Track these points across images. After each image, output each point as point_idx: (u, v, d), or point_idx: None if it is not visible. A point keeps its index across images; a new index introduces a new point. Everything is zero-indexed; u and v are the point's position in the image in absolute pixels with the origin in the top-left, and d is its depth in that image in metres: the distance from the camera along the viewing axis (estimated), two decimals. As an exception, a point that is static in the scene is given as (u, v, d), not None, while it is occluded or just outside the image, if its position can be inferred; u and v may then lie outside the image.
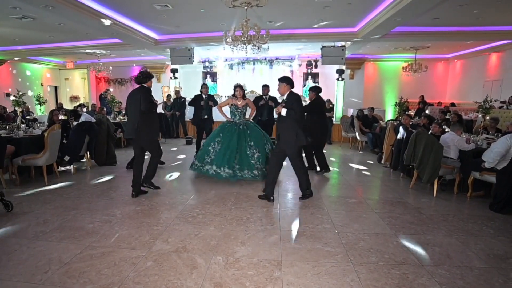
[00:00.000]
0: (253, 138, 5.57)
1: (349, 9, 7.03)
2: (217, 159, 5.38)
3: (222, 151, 5.41)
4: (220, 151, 5.43)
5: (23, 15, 7.15)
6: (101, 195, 4.73)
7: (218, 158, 5.38)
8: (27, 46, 10.83)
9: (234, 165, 5.32)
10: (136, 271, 2.66)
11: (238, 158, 5.38)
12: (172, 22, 8.13)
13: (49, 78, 15.30)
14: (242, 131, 5.60)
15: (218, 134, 5.64)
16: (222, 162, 5.32)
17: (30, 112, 10.94)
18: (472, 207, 4.37)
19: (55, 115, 6.20)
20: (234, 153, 5.39)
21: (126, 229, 3.51)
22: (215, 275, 2.61)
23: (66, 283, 2.49)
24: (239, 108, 5.68)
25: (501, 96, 10.29)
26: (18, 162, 5.11)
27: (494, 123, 6.52)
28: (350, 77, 13.05)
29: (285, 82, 4.39)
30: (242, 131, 5.61)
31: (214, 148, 5.51)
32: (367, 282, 2.54)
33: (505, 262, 2.89)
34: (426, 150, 4.78)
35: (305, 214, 4.05)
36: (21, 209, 4.08)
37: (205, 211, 4.07)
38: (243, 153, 5.41)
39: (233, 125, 5.67)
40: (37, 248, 3.04)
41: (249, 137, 5.57)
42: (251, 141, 5.54)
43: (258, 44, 6.94)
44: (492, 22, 8.09)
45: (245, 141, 5.52)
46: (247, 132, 5.62)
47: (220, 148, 5.47)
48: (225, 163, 5.30)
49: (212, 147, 5.53)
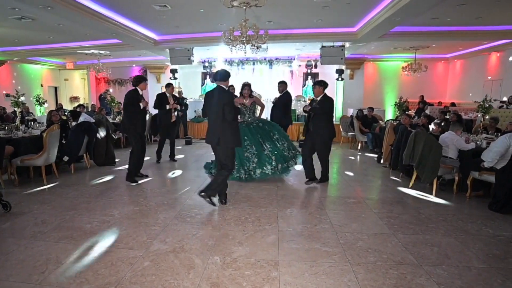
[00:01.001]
0: (275, 131, 5.73)
1: (348, 8, 7.03)
2: (262, 159, 5.44)
3: (260, 150, 5.48)
4: (258, 151, 5.47)
5: (22, 15, 7.16)
6: (99, 195, 4.72)
7: (262, 157, 5.45)
8: (27, 46, 10.85)
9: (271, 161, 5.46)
10: (133, 271, 2.66)
11: (273, 154, 5.51)
12: (171, 22, 8.13)
13: (49, 78, 15.31)
14: (261, 129, 5.69)
15: (244, 137, 5.43)
16: (266, 159, 5.44)
17: (30, 112, 10.95)
18: (471, 207, 4.36)
19: (53, 115, 6.20)
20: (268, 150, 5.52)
21: (124, 229, 3.50)
22: (212, 275, 2.60)
23: (63, 283, 2.49)
24: (247, 107, 5.69)
25: (501, 96, 10.29)
26: (17, 162, 5.11)
27: (494, 122, 6.51)
28: (350, 77, 13.04)
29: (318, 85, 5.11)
30: (261, 128, 5.69)
31: (251, 152, 5.49)
32: (365, 282, 2.53)
33: (504, 262, 2.88)
34: (425, 150, 4.77)
35: (304, 214, 4.05)
36: (20, 209, 4.08)
37: (203, 211, 4.06)
38: (276, 147, 5.55)
39: (248, 124, 5.69)
40: (35, 248, 3.04)
41: (270, 131, 5.70)
42: (274, 134, 5.68)
43: (257, 44, 6.94)
44: (492, 22, 8.07)
45: (269, 136, 5.64)
46: (265, 127, 5.74)
47: (256, 149, 5.49)
48: (266, 162, 5.43)
49: (249, 152, 5.48)
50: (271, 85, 13.46)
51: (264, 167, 5.42)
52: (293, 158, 5.68)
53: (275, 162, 5.46)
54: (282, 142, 5.67)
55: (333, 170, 6.60)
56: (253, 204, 4.34)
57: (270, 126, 5.85)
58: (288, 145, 5.72)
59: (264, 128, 5.72)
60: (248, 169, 5.42)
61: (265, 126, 5.78)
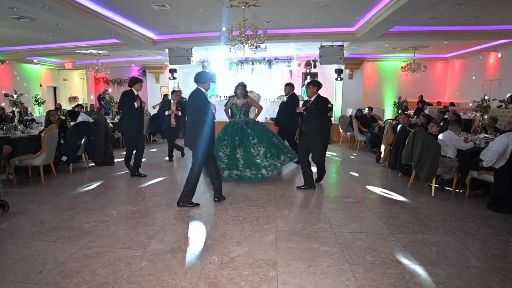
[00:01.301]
0: (255, 135, 5.50)
1: (347, 8, 7.03)
2: (232, 162, 5.37)
3: (233, 153, 5.40)
4: (231, 153, 5.41)
5: (20, 15, 7.15)
6: (98, 195, 4.71)
7: (232, 160, 5.37)
8: (25, 46, 10.83)
9: (239, 165, 5.33)
10: (131, 270, 2.65)
11: (243, 158, 5.36)
12: (170, 22, 8.12)
13: (48, 78, 15.29)
14: (242, 130, 5.56)
15: (224, 137, 5.56)
16: (235, 164, 5.33)
17: (29, 112, 10.94)
18: (470, 206, 4.36)
19: (52, 115, 6.18)
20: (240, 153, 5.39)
21: (122, 229, 3.49)
22: (210, 275, 2.59)
23: (61, 283, 2.48)
24: (238, 107, 5.64)
25: (500, 96, 10.29)
26: (15, 162, 5.10)
27: (493, 122, 6.50)
28: (349, 77, 13.04)
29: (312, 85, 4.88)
30: (242, 130, 5.56)
31: (224, 152, 5.46)
32: (363, 281, 2.52)
33: (502, 262, 2.88)
34: (424, 149, 4.77)
35: (302, 213, 4.04)
36: (18, 209, 4.07)
37: (202, 211, 4.05)
38: (248, 153, 5.37)
39: (234, 124, 5.64)
40: (32, 248, 3.03)
41: (250, 135, 5.50)
42: (253, 138, 5.48)
43: (256, 44, 6.93)
44: (491, 22, 8.08)
45: (247, 139, 5.47)
46: (248, 130, 5.55)
47: (230, 150, 5.43)
48: (234, 165, 5.33)
49: (222, 152, 5.45)
50: (270, 85, 13.48)
51: (231, 170, 5.32)
52: (268, 167, 5.33)
53: (243, 167, 5.32)
54: (258, 148, 5.42)
55: (332, 169, 6.61)
56: (252, 204, 4.34)
57: (254, 129, 5.59)
58: (266, 153, 5.40)
59: (245, 131, 5.53)
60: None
61: (248, 129, 5.57)
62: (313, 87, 4.87)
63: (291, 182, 5.52)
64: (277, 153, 5.51)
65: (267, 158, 5.40)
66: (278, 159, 5.47)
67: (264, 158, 5.38)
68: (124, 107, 5.64)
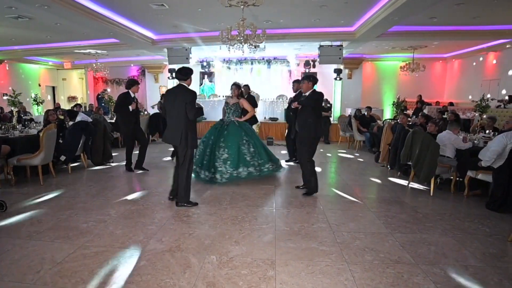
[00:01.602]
0: (227, 139, 5.32)
1: (346, 8, 7.03)
2: (197, 159, 5.34)
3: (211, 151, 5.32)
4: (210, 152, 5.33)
5: (19, 14, 7.14)
6: (96, 195, 4.71)
7: (198, 158, 5.34)
8: (24, 46, 10.82)
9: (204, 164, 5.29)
10: (129, 270, 2.64)
11: (207, 158, 5.28)
12: (169, 21, 8.12)
13: (47, 78, 15.26)
14: (220, 131, 5.44)
15: (210, 136, 5.49)
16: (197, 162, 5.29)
17: (27, 112, 10.92)
18: (469, 206, 4.36)
19: (50, 114, 6.17)
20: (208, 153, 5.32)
21: (120, 228, 3.48)
22: (208, 275, 2.59)
23: (58, 282, 2.47)
24: (229, 106, 5.58)
25: (498, 95, 10.31)
26: (14, 162, 5.08)
27: (491, 122, 6.51)
28: (348, 77, 13.05)
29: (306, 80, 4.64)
30: (220, 130, 5.45)
31: (199, 149, 5.41)
32: (362, 281, 2.52)
33: (500, 261, 2.88)
34: (423, 149, 4.77)
35: (301, 213, 4.04)
36: (16, 209, 4.06)
37: (200, 211, 4.05)
38: (212, 154, 5.26)
39: (222, 124, 5.59)
40: (30, 248, 3.02)
41: (223, 137, 5.36)
42: (224, 141, 5.30)
43: (254, 44, 6.93)
44: (489, 22, 8.09)
45: (219, 140, 5.33)
46: (224, 132, 5.41)
47: (210, 150, 5.33)
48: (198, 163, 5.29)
49: (198, 149, 5.37)
50: (269, 85, 13.50)
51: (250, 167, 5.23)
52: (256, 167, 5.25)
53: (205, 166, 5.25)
54: (223, 152, 5.24)
55: (330, 169, 6.62)
56: (250, 203, 4.33)
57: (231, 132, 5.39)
58: (226, 159, 5.19)
59: (233, 129, 5.39)
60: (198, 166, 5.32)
61: (225, 131, 5.41)
62: (308, 82, 4.64)
63: (290, 182, 5.52)
64: (237, 164, 5.19)
65: (226, 164, 5.20)
66: (235, 168, 5.19)
67: (223, 163, 5.20)
68: (120, 109, 5.87)
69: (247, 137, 5.40)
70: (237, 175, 5.18)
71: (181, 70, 4.11)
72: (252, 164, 5.27)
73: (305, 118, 4.56)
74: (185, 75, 4.08)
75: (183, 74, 4.08)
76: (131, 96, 5.81)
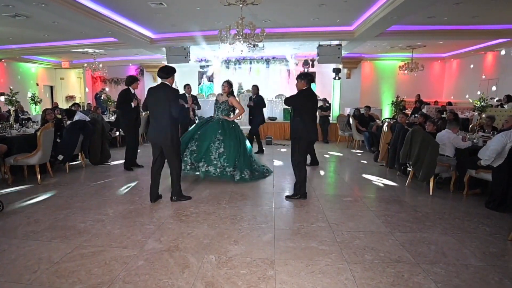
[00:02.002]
0: (203, 132, 5.28)
1: (345, 7, 7.01)
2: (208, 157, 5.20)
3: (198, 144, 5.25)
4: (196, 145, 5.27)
5: (16, 13, 7.08)
6: (94, 194, 4.67)
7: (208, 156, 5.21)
8: (21, 45, 10.75)
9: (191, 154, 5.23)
10: (127, 270, 2.61)
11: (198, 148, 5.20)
12: (167, 20, 8.08)
13: (44, 77, 15.19)
14: (214, 124, 5.36)
15: (193, 130, 5.49)
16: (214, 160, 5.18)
17: (25, 111, 10.86)
18: (468, 205, 4.35)
19: (48, 114, 6.12)
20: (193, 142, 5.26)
21: (118, 228, 3.45)
22: (207, 274, 2.56)
23: (55, 282, 2.44)
24: (218, 103, 5.53)
25: (497, 95, 10.32)
26: (11, 161, 5.04)
27: (490, 121, 6.51)
28: (347, 76, 13.03)
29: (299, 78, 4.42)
30: (214, 123, 5.36)
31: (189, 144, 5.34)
32: (362, 280, 2.50)
33: (500, 260, 2.87)
34: (422, 148, 4.76)
35: (300, 212, 4.02)
36: (13, 208, 4.02)
37: (199, 210, 4.02)
38: (205, 145, 5.16)
39: (204, 119, 5.57)
40: (26, 248, 2.99)
41: (200, 130, 5.33)
42: (221, 135, 5.23)
43: (253, 43, 6.91)
44: (488, 21, 8.09)
45: (214, 133, 5.24)
46: (204, 127, 5.37)
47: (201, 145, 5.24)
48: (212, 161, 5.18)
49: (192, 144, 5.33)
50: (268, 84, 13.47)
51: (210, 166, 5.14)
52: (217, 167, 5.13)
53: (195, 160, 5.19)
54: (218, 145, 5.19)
55: (330, 168, 6.60)
56: (249, 203, 4.31)
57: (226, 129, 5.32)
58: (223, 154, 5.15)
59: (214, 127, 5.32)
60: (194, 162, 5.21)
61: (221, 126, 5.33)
62: (301, 80, 4.41)
63: (289, 181, 5.50)
64: (199, 158, 5.17)
65: (191, 155, 5.20)
66: (196, 162, 5.18)
67: (219, 158, 5.15)
68: (122, 105, 5.95)
69: (222, 136, 5.25)
70: (195, 169, 5.22)
71: (163, 69, 4.12)
72: (214, 164, 5.14)
73: (295, 119, 4.39)
74: (167, 74, 4.10)
75: (165, 72, 4.10)
76: (131, 93, 5.89)
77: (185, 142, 5.28)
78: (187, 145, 5.29)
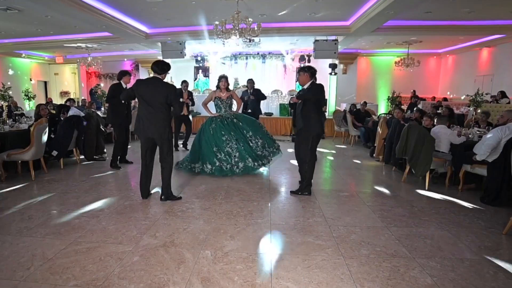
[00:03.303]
0: (248, 128, 5.46)
1: (341, 2, 6.98)
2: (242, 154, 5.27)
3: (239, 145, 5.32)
4: (238, 146, 5.30)
5: (8, 6, 6.95)
6: (89, 190, 4.63)
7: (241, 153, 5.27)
8: (14, 39, 10.58)
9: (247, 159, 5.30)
10: (122, 266, 2.59)
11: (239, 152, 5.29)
12: (163, 15, 7.98)
13: (38, 73, 14.99)
14: (235, 125, 5.43)
15: (220, 132, 5.34)
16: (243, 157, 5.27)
17: (18, 107, 10.73)
18: (464, 200, 4.36)
19: (42, 109, 6.04)
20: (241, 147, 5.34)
21: (113, 224, 3.43)
22: (203, 270, 2.55)
23: (49, 279, 2.41)
24: (223, 100, 5.51)
25: (492, 91, 10.36)
26: (4, 157, 4.98)
27: (485, 116, 6.54)
28: (343, 72, 13.01)
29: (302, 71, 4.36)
30: (234, 124, 5.44)
31: (231, 147, 5.29)
32: (358, 275, 2.50)
33: (495, 254, 2.88)
34: (418, 143, 4.77)
35: (297, 207, 4.01)
36: (6, 205, 3.97)
37: (195, 205, 4.00)
38: (246, 146, 5.32)
39: (223, 119, 5.48)
40: (20, 244, 2.95)
41: (243, 128, 5.44)
42: (248, 131, 5.43)
43: (249, 37, 6.86)
44: (484, 16, 8.09)
45: (243, 134, 5.40)
46: (240, 124, 5.47)
47: (236, 143, 5.30)
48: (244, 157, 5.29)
49: (229, 147, 5.28)
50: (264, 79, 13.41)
51: (246, 161, 5.25)
52: (268, 156, 5.52)
53: (251, 160, 5.28)
54: (256, 140, 5.44)
55: (326, 164, 6.60)
56: (246, 198, 4.30)
57: (245, 122, 5.53)
58: (264, 143, 5.49)
59: (237, 125, 5.45)
60: (232, 163, 5.24)
61: (240, 122, 5.50)
62: (304, 73, 4.32)
63: (285, 176, 5.49)
64: (270, 143, 5.61)
65: (265, 148, 5.50)
66: (273, 146, 5.63)
67: (263, 148, 5.46)
68: (112, 100, 5.78)
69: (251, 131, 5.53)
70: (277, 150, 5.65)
71: (158, 64, 4.01)
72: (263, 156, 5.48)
73: (305, 114, 4.26)
74: (162, 70, 4.01)
75: (161, 68, 4.00)
76: (123, 87, 5.72)
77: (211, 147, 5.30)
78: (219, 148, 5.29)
